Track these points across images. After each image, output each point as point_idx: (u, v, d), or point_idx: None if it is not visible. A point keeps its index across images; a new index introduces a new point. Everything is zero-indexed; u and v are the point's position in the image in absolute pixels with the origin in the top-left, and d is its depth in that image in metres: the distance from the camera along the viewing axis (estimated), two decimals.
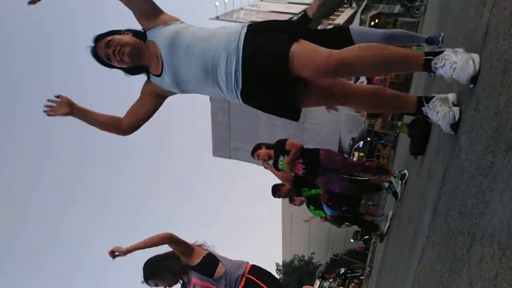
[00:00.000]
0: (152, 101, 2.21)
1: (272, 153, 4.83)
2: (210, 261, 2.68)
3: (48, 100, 2.12)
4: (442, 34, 3.85)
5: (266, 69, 1.90)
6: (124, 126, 2.22)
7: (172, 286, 2.68)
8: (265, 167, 4.93)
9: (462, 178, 1.67)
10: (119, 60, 2.06)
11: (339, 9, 31.29)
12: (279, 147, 4.82)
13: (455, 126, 1.91)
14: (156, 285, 2.64)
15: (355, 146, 15.46)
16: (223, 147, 27.61)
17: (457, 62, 1.75)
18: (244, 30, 1.95)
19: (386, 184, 4.90)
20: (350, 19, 25.44)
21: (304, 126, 22.20)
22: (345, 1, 31.48)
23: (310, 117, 22.66)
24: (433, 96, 2.02)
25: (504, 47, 1.39)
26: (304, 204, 6.13)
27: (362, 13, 25.81)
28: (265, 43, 1.91)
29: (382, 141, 14.67)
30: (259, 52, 1.90)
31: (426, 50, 2.18)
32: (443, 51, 1.83)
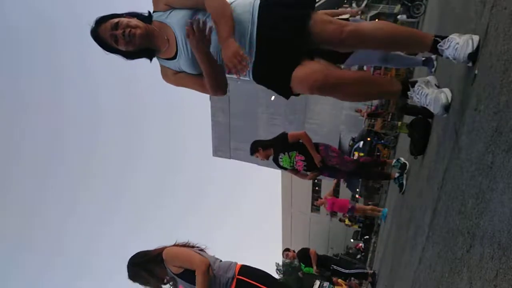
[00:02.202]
0: (185, 77, 2.15)
1: (270, 153, 4.82)
2: None
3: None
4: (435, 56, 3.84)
5: (285, 38, 1.92)
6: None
7: (158, 286, 2.60)
8: (291, 172, 5.00)
9: (462, 178, 1.67)
10: (127, 41, 2.01)
11: (339, 9, 31.28)
12: (280, 144, 4.80)
13: (447, 108, 1.90)
14: (142, 284, 2.59)
15: (355, 146, 15.45)
16: (223, 147, 27.59)
17: (459, 43, 1.79)
18: (258, 2, 1.97)
19: (397, 174, 4.96)
20: None
21: (304, 126, 22.20)
22: (345, 1, 31.48)
23: (310, 117, 22.67)
24: (417, 81, 2.02)
25: (504, 47, 1.39)
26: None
27: (362, 13, 25.78)
28: (283, 12, 1.95)
29: (382, 141, 14.66)
30: (277, 21, 1.93)
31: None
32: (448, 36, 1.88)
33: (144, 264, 2.58)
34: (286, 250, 7.56)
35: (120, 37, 2.01)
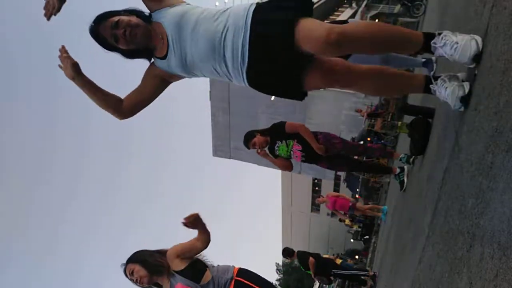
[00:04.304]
0: (154, 84, 2.16)
1: (268, 140, 4.62)
2: (198, 266, 2.60)
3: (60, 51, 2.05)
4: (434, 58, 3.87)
5: (273, 42, 1.88)
6: (123, 109, 2.16)
7: (144, 282, 2.55)
8: (262, 155, 4.64)
9: (462, 178, 1.67)
10: (129, 41, 2.00)
11: (339, 9, 31.30)
12: (278, 132, 4.61)
13: (464, 100, 1.82)
14: (131, 273, 2.58)
15: None
16: (223, 147, 27.61)
17: (458, 42, 1.74)
18: (253, 7, 1.94)
19: (398, 170, 4.90)
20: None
21: None
22: (345, 1, 31.49)
23: (310, 117, 22.67)
24: (441, 75, 1.97)
25: (504, 47, 1.39)
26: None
27: None
28: (273, 17, 1.90)
29: (382, 141, 14.66)
30: (267, 25, 1.88)
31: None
32: (442, 33, 1.83)
33: (150, 251, 2.62)
34: (286, 253, 7.60)
35: (122, 36, 1.99)
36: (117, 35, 2.00)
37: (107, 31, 2.02)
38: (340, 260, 10.56)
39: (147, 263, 2.56)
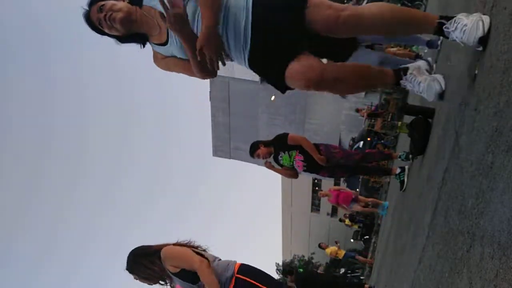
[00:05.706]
0: (178, 60, 2.11)
1: (272, 150, 4.84)
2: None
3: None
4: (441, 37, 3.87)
5: (280, 25, 1.86)
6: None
7: (151, 284, 2.58)
8: (268, 167, 4.89)
9: (462, 178, 1.67)
10: (109, 26, 1.99)
11: None
12: (280, 143, 4.81)
13: (442, 95, 1.83)
14: (136, 278, 2.59)
15: (355, 146, 15.45)
16: (223, 147, 27.59)
17: (467, 25, 1.69)
18: None
19: (398, 170, 4.95)
20: None
21: (304, 127, 22.21)
22: (345, 1, 31.50)
23: (310, 117, 22.68)
24: (408, 68, 1.95)
25: (504, 47, 1.39)
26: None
27: None
28: (276, 1, 1.88)
29: (382, 141, 14.65)
30: (266, 8, 1.86)
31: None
32: (455, 16, 1.78)
33: (143, 257, 2.58)
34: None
35: (103, 21, 1.99)
36: (100, 19, 2.00)
37: (94, 15, 2.02)
38: (343, 252, 10.66)
39: (146, 278, 2.57)
